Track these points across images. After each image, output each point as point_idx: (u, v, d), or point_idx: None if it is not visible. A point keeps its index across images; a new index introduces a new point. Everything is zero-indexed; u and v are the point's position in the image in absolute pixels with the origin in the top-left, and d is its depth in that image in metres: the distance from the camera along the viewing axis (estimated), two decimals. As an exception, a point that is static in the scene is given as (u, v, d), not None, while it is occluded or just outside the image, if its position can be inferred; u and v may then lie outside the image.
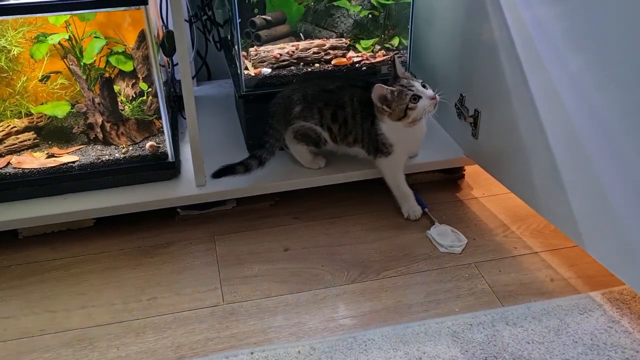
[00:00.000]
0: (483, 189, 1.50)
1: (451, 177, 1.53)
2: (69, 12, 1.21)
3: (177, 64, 1.64)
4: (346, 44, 1.47)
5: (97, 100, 1.35)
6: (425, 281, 1.21)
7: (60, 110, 1.34)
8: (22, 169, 1.31)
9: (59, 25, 1.27)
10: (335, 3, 1.48)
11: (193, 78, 1.79)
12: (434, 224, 1.35)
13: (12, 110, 1.34)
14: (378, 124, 1.31)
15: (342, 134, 1.35)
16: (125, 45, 1.33)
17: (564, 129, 1.12)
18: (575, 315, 1.11)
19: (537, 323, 1.09)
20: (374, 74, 1.46)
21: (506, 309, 1.13)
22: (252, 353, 1.04)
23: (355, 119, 1.33)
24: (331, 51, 1.45)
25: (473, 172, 1.52)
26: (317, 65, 1.45)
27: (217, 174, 1.31)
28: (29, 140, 1.36)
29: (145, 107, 1.38)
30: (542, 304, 1.14)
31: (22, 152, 1.35)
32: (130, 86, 1.36)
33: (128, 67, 1.33)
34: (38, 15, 1.22)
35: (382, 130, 1.31)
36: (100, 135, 1.37)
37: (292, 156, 1.41)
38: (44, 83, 1.34)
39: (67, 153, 1.35)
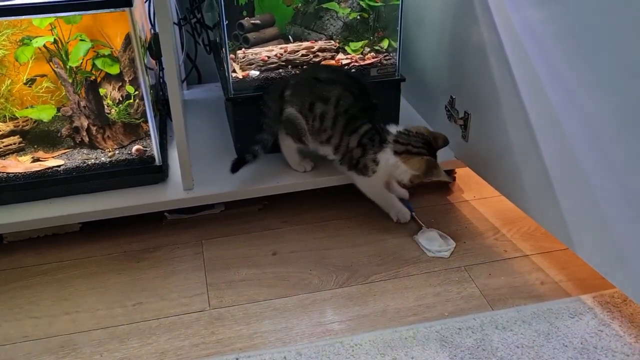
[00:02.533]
0: (474, 192, 1.49)
1: (442, 180, 1.51)
2: (53, 15, 1.20)
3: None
4: (335, 46, 1.47)
5: (82, 103, 1.33)
6: (414, 285, 1.19)
7: (45, 113, 1.33)
8: (7, 173, 1.30)
9: (43, 28, 1.26)
10: (324, 5, 1.47)
11: (183, 81, 1.77)
12: (421, 229, 1.34)
13: (-3, 114, 1.33)
14: (376, 154, 1.27)
15: (316, 129, 1.31)
16: (112, 48, 1.31)
17: (553, 132, 1.11)
18: (566, 318, 1.10)
19: (526, 327, 1.08)
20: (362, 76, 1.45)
21: (496, 312, 1.12)
22: (237, 359, 1.02)
23: (336, 125, 1.29)
24: (320, 53, 1.44)
25: (464, 175, 1.51)
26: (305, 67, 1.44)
27: (234, 169, 1.32)
28: (14, 144, 1.34)
29: (132, 111, 1.37)
30: (532, 308, 1.13)
31: (7, 156, 1.33)
32: (116, 89, 1.35)
33: (114, 70, 1.32)
34: (22, 17, 1.21)
35: (378, 159, 1.27)
36: (87, 139, 1.36)
37: (281, 160, 1.40)
38: (29, 86, 1.33)
39: (53, 157, 1.34)
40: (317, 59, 1.44)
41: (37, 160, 1.32)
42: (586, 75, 1.02)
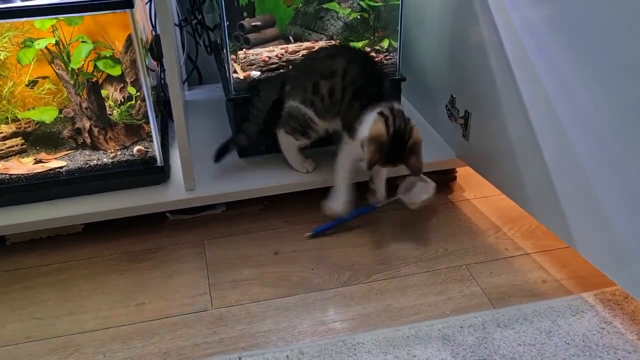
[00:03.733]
0: (475, 191, 1.49)
1: (443, 179, 1.52)
2: (55, 16, 1.21)
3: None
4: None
5: (84, 105, 1.34)
6: (416, 284, 1.20)
7: (47, 115, 1.33)
8: (10, 174, 1.30)
9: (45, 30, 1.27)
10: (324, 5, 1.48)
11: (184, 82, 1.78)
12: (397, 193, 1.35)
13: (-1, 116, 1.33)
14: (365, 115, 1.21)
15: (326, 106, 1.27)
16: (113, 50, 1.32)
17: (553, 130, 1.11)
18: (567, 316, 1.10)
19: (528, 325, 1.08)
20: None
21: (497, 311, 1.12)
22: (240, 358, 1.03)
23: (345, 95, 1.24)
24: (320, 53, 1.44)
25: (465, 174, 1.52)
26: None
27: (217, 158, 1.34)
28: (17, 145, 1.35)
29: (133, 112, 1.37)
30: (533, 306, 1.13)
31: (10, 157, 1.34)
32: (118, 90, 1.35)
33: (116, 71, 1.32)
34: (24, 19, 1.21)
35: (362, 120, 1.21)
36: (88, 140, 1.36)
37: (282, 160, 1.40)
38: (31, 88, 1.34)
39: (55, 158, 1.34)
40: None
41: (40, 161, 1.33)
42: (586, 73, 1.02)
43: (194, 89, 1.84)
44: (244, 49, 1.44)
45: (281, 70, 1.42)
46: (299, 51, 1.43)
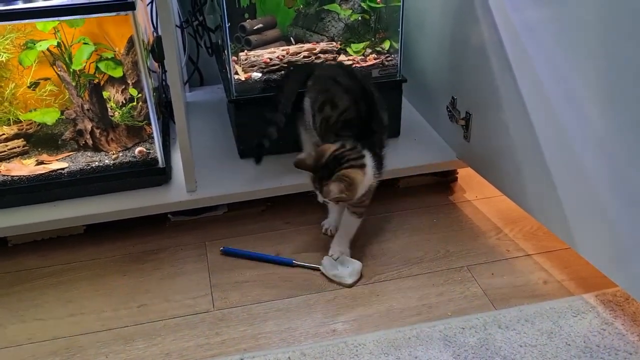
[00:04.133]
0: (476, 192, 1.49)
1: (444, 180, 1.52)
2: (57, 19, 1.21)
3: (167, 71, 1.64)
4: (337, 47, 1.47)
5: (86, 106, 1.34)
6: (417, 285, 1.20)
7: (49, 117, 1.34)
8: (11, 176, 1.30)
9: (47, 32, 1.27)
10: (325, 7, 1.48)
11: (185, 83, 1.78)
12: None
13: (0, 118, 1.33)
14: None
15: (320, 130, 1.26)
16: (115, 51, 1.32)
17: (554, 131, 1.12)
18: (569, 317, 1.10)
19: (530, 326, 1.09)
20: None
21: (499, 312, 1.12)
22: (242, 359, 1.03)
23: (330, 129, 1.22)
24: (322, 55, 1.45)
25: (466, 175, 1.52)
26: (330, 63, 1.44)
27: (258, 160, 1.33)
28: (18, 147, 1.35)
29: (135, 113, 1.37)
30: (535, 307, 1.13)
31: (11, 159, 1.34)
32: (120, 92, 1.36)
33: (117, 73, 1.33)
34: (26, 21, 1.21)
35: None
36: (90, 142, 1.36)
37: (284, 161, 1.39)
38: (33, 90, 1.34)
39: (57, 160, 1.34)
40: (318, 61, 1.44)
41: (42, 163, 1.33)
42: (586, 74, 1.02)
43: (195, 90, 1.84)
44: (246, 51, 1.44)
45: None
46: (300, 52, 1.43)
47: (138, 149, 1.36)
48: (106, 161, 1.34)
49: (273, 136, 1.32)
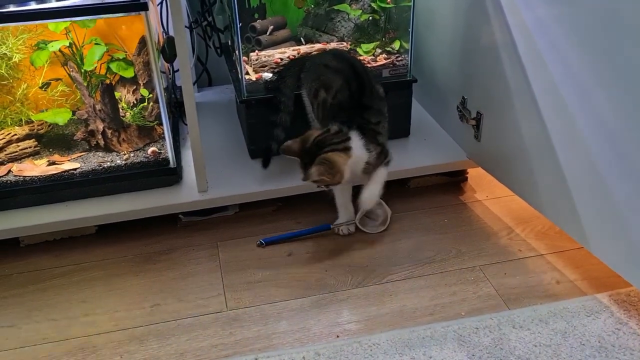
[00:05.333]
0: (486, 192, 1.49)
1: (454, 180, 1.52)
2: (69, 19, 1.21)
3: (177, 70, 1.65)
4: (347, 47, 1.47)
5: (98, 107, 1.34)
6: (429, 285, 1.20)
7: (61, 117, 1.34)
8: (23, 176, 1.31)
9: (59, 32, 1.27)
10: (335, 7, 1.48)
11: (194, 84, 1.78)
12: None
13: (12, 118, 1.34)
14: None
15: (319, 117, 1.30)
16: (126, 52, 1.32)
17: (567, 130, 1.11)
18: (582, 317, 1.10)
19: (544, 326, 1.08)
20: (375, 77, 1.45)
21: (512, 312, 1.12)
22: (256, 359, 1.03)
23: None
24: (332, 55, 1.45)
25: (476, 175, 1.52)
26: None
27: (265, 164, 1.35)
28: (30, 147, 1.35)
29: (146, 114, 1.37)
30: (548, 307, 1.13)
31: (23, 159, 1.34)
32: (131, 92, 1.36)
33: (129, 73, 1.33)
34: (38, 22, 1.22)
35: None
36: (102, 142, 1.37)
37: (295, 161, 1.40)
38: (45, 90, 1.34)
39: (69, 160, 1.35)
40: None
41: (53, 163, 1.33)
42: (600, 72, 1.02)
43: (204, 90, 1.84)
44: (256, 51, 1.44)
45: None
46: (310, 53, 1.43)
47: (151, 149, 1.37)
48: (117, 161, 1.35)
49: (280, 137, 1.33)
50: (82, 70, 1.32)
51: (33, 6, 1.16)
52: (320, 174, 1.15)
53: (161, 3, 1.59)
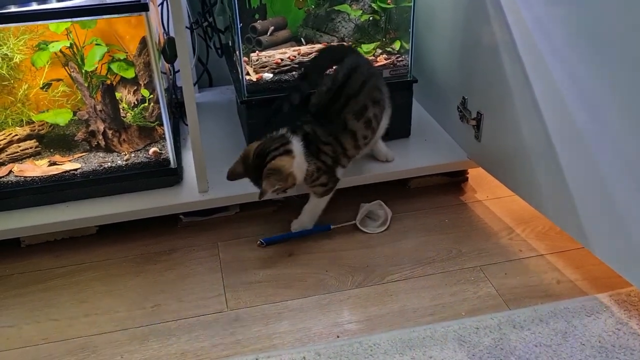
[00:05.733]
0: (487, 192, 1.49)
1: (454, 181, 1.52)
2: (70, 20, 1.21)
3: (178, 71, 1.65)
4: (349, 48, 1.47)
5: (98, 107, 1.34)
6: (430, 285, 1.20)
7: (61, 117, 1.34)
8: (24, 177, 1.31)
9: (60, 33, 1.27)
10: (336, 7, 1.48)
11: (194, 85, 1.78)
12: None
13: (13, 119, 1.34)
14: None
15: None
16: (127, 52, 1.32)
17: (567, 130, 1.12)
18: (583, 317, 1.10)
19: (544, 326, 1.08)
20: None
21: (513, 312, 1.12)
22: (257, 359, 1.03)
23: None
24: (333, 55, 1.45)
25: (476, 175, 1.52)
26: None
27: (270, 120, 1.30)
28: (31, 148, 1.35)
29: (146, 114, 1.38)
30: (549, 307, 1.13)
31: (24, 160, 1.34)
32: (131, 93, 1.36)
33: (129, 74, 1.33)
34: (39, 22, 1.22)
35: None
36: (102, 143, 1.37)
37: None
38: (46, 91, 1.34)
39: (69, 161, 1.35)
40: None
41: (54, 164, 1.34)
42: (601, 72, 1.02)
43: (204, 91, 1.85)
44: (257, 51, 1.44)
45: (295, 76, 1.42)
46: (311, 53, 1.43)
47: (152, 149, 1.37)
48: (118, 162, 1.35)
49: (295, 101, 1.31)
50: (83, 71, 1.32)
51: (34, 7, 1.16)
52: (272, 185, 1.16)
53: (162, 4, 1.59)
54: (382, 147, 1.42)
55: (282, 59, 1.42)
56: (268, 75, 1.41)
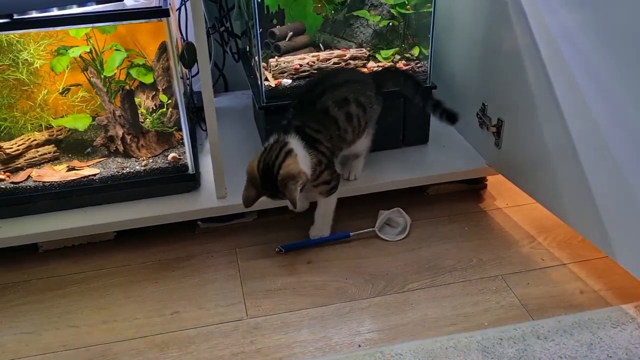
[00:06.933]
0: (507, 199, 1.47)
1: (473, 188, 1.51)
2: (91, 25, 1.21)
3: (194, 75, 1.65)
4: (366, 54, 1.46)
5: (117, 112, 1.34)
6: (451, 294, 1.18)
7: (81, 123, 1.34)
8: (43, 182, 1.31)
9: (79, 38, 1.27)
10: (354, 13, 1.47)
11: (210, 89, 1.78)
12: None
13: (32, 124, 1.34)
14: None
15: None
16: (146, 58, 1.32)
17: (592, 136, 1.10)
18: (608, 328, 1.08)
19: (568, 337, 1.07)
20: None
21: (536, 322, 1.10)
22: (278, 369, 1.02)
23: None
24: (351, 61, 1.44)
25: (496, 182, 1.50)
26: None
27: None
28: (49, 153, 1.35)
29: (165, 119, 1.37)
30: (573, 317, 1.11)
31: (43, 165, 1.34)
32: (150, 98, 1.36)
33: (148, 79, 1.33)
34: (60, 28, 1.22)
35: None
36: (121, 148, 1.36)
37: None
38: (65, 96, 1.34)
39: (88, 166, 1.34)
40: (348, 67, 1.44)
41: (73, 169, 1.33)
42: (625, 77, 1.01)
43: (220, 95, 1.84)
44: (276, 57, 1.43)
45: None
46: (330, 59, 1.43)
47: (171, 155, 1.36)
48: (136, 167, 1.34)
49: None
50: (102, 76, 1.32)
51: (56, 12, 1.16)
52: (295, 191, 1.14)
53: (179, 8, 1.59)
54: (357, 164, 1.38)
55: (301, 65, 1.41)
56: (287, 81, 1.40)
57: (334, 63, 1.42)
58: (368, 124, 1.32)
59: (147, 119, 1.36)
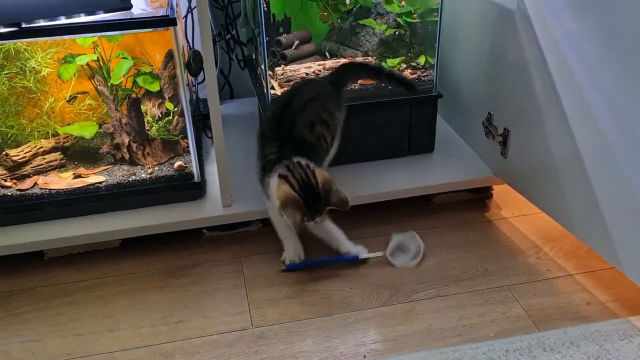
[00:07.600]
0: (512, 209, 1.47)
1: (479, 197, 1.50)
2: (99, 34, 1.22)
3: (200, 83, 1.65)
4: (372, 63, 1.46)
5: (124, 120, 1.34)
6: (457, 304, 1.18)
7: (87, 130, 1.34)
8: (49, 189, 1.31)
9: (86, 46, 1.28)
10: (360, 21, 1.47)
11: (216, 97, 1.78)
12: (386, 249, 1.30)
13: (39, 131, 1.34)
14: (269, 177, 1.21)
15: None
16: (152, 66, 1.33)
17: (598, 146, 1.09)
18: (615, 341, 1.07)
19: (575, 349, 1.06)
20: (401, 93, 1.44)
21: (542, 334, 1.10)
22: (283, 379, 1.02)
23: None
24: (358, 70, 1.44)
25: (502, 191, 1.50)
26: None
27: None
28: (56, 160, 1.36)
29: (170, 127, 1.37)
30: (579, 329, 1.10)
31: (49, 172, 1.35)
32: (156, 106, 1.36)
33: (155, 87, 1.33)
34: (67, 37, 1.22)
35: (269, 182, 1.21)
36: (127, 156, 1.37)
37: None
38: (71, 103, 1.35)
39: (94, 173, 1.35)
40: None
41: (79, 176, 1.34)
42: (632, 86, 1.00)
43: (226, 103, 1.84)
44: (282, 65, 1.44)
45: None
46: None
47: (177, 163, 1.36)
48: (142, 175, 1.35)
49: None
50: (109, 84, 1.32)
51: (64, 21, 1.16)
52: (338, 192, 1.14)
53: (186, 16, 1.60)
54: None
55: (307, 74, 1.41)
56: (293, 90, 1.40)
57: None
58: (334, 139, 1.32)
59: (153, 127, 1.37)
